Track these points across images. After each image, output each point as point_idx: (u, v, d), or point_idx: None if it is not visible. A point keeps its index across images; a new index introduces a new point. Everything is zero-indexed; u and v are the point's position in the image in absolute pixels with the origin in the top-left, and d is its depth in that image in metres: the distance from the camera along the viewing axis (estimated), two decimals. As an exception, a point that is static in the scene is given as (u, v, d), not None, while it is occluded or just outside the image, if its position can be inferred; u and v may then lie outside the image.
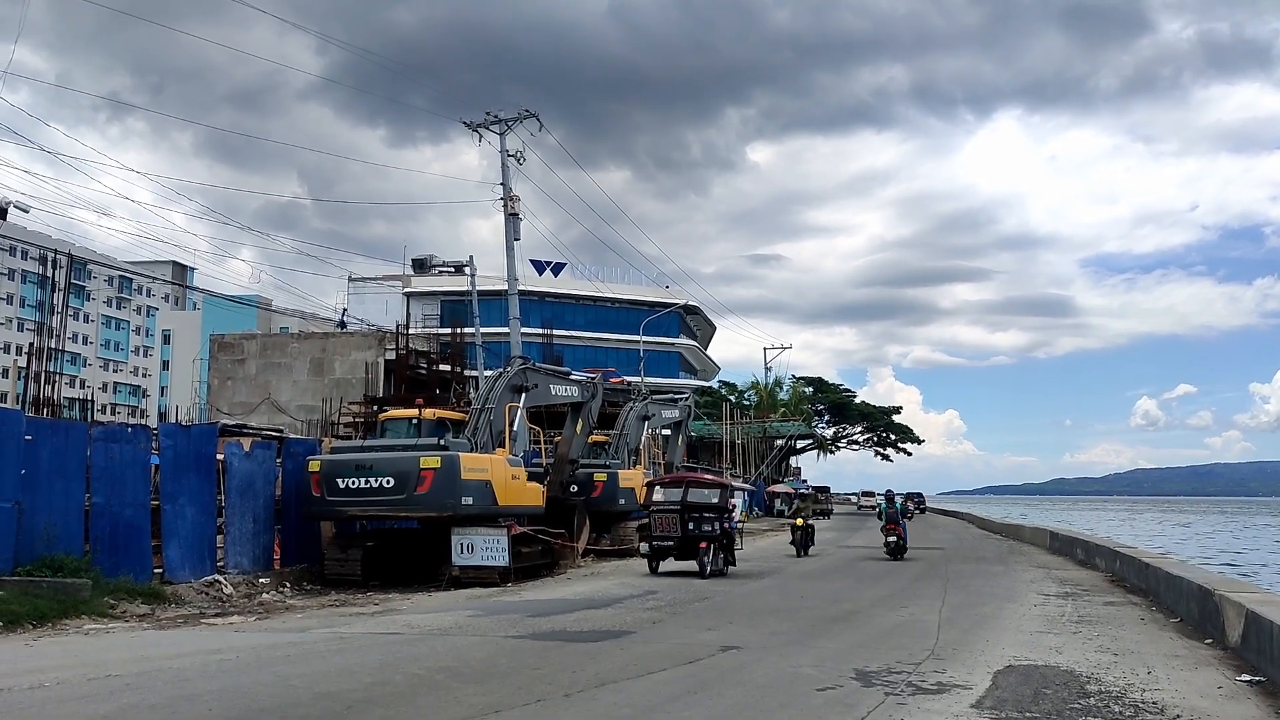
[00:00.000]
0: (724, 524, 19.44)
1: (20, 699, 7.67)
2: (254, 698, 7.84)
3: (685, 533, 19.15)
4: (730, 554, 20.06)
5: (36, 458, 13.39)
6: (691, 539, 19.05)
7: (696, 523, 19.16)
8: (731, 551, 20.14)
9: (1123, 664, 9.57)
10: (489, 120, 32.63)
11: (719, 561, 19.34)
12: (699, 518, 19.21)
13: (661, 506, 19.68)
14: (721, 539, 19.41)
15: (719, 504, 19.59)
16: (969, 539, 36.75)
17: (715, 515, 19.32)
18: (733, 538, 20.11)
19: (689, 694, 8.11)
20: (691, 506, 19.41)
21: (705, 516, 19.25)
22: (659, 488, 20.39)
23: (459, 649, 10.46)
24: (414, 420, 19.56)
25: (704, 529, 19.10)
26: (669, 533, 19.36)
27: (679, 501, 19.49)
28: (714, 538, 19.14)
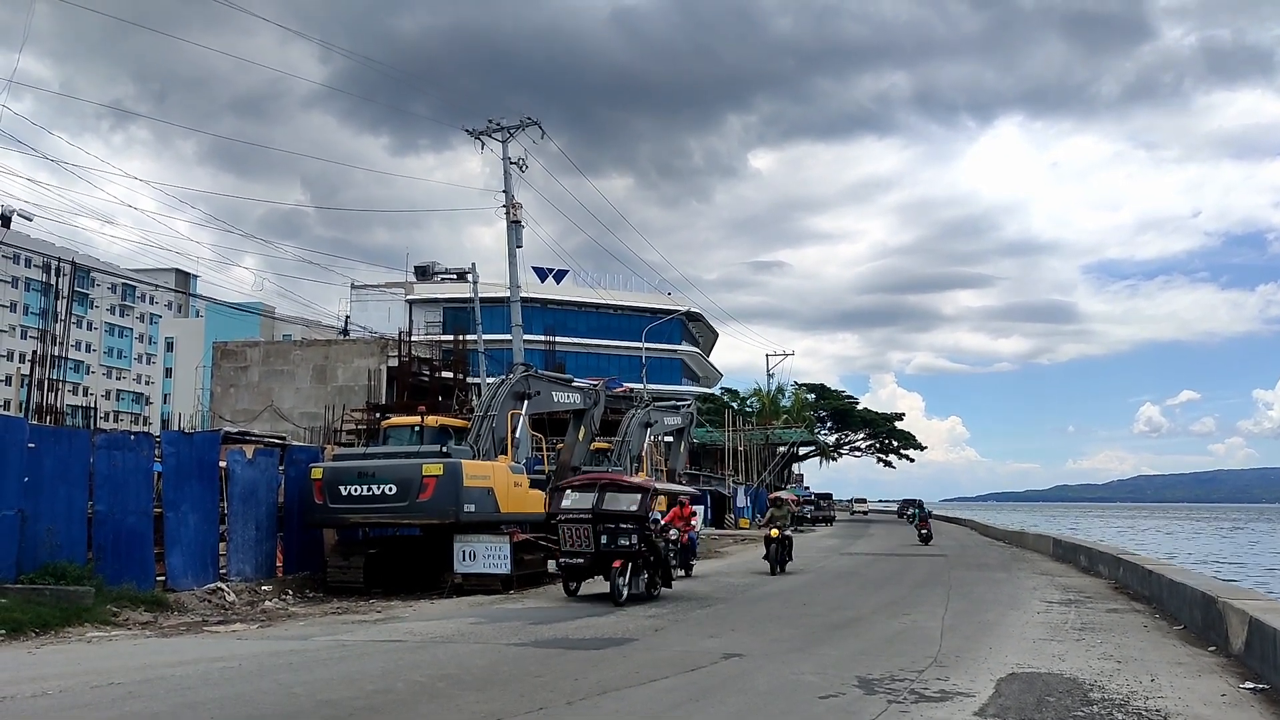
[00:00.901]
0: (648, 536, 16.20)
1: (24, 707, 7.68)
2: (256, 705, 7.84)
3: (598, 547, 15.77)
4: (663, 573, 16.96)
5: (40, 465, 13.40)
6: (605, 555, 15.75)
7: (611, 535, 15.75)
8: (666, 570, 17.11)
9: (1126, 671, 9.55)
10: (491, 128, 32.70)
11: (639, 584, 16.02)
12: (614, 529, 15.78)
13: (570, 515, 16.23)
14: (644, 555, 16.05)
15: (638, 512, 16.04)
16: (972, 546, 36.70)
17: (634, 526, 15.81)
18: (660, 553, 16.64)
19: (691, 701, 8.11)
20: (605, 515, 15.96)
21: (621, 528, 15.76)
22: (569, 492, 16.94)
23: (461, 656, 10.45)
24: (416, 427, 19.58)
25: (619, 543, 15.68)
26: (579, 547, 15.97)
27: (590, 509, 16.13)
28: (631, 553, 15.69)
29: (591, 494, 16.50)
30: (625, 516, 15.97)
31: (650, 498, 16.51)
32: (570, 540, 16.04)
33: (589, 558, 15.89)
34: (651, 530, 16.32)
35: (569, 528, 16.06)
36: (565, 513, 16.38)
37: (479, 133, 32.80)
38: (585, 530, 15.88)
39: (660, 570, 16.77)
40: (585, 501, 16.38)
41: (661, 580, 16.86)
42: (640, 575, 16.04)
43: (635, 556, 15.78)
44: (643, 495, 16.42)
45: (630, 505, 16.21)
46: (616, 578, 15.37)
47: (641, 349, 60.08)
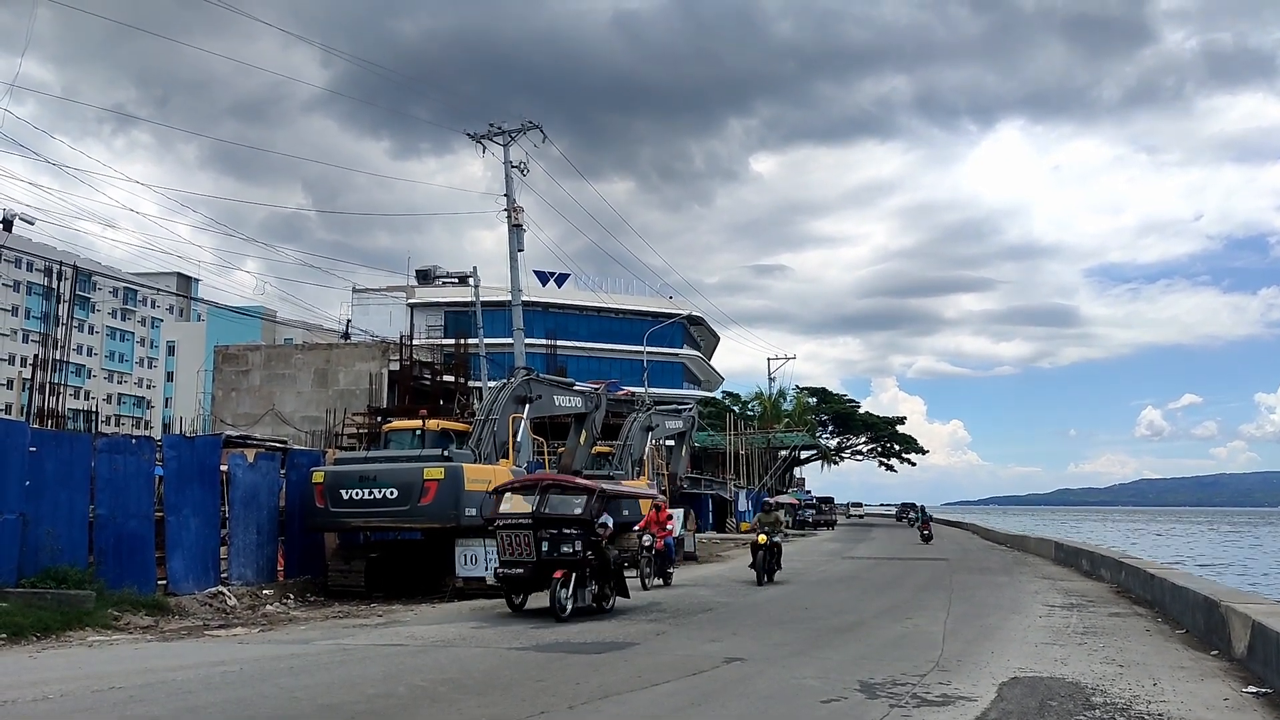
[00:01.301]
0: (596, 543, 14.69)
1: (24, 711, 7.67)
2: (257, 709, 7.84)
3: (539, 556, 14.18)
4: (616, 583, 15.36)
5: (41, 469, 13.41)
6: (546, 565, 14.11)
7: (553, 542, 14.12)
8: (620, 580, 15.51)
9: (1128, 676, 9.54)
10: (493, 131, 32.75)
11: (585, 596, 14.45)
12: (556, 536, 14.14)
13: (509, 521, 14.55)
14: (590, 564, 14.50)
15: (583, 516, 14.50)
16: (973, 550, 36.67)
17: (579, 532, 14.29)
18: (611, 562, 15.06)
19: (693, 706, 8.10)
20: (547, 520, 14.32)
21: (565, 534, 14.16)
22: (508, 495, 15.19)
23: (462, 660, 10.44)
24: (418, 431, 19.59)
25: (561, 550, 14.07)
26: (519, 556, 14.33)
27: (530, 514, 14.46)
28: (575, 562, 14.16)
29: (532, 496, 14.85)
30: (569, 521, 14.42)
31: (597, 500, 14.83)
32: (509, 548, 14.44)
33: (529, 568, 14.24)
34: (601, 536, 14.88)
35: (507, 535, 14.45)
36: (503, 518, 14.66)
37: (480, 136, 32.85)
38: (526, 537, 14.27)
39: (612, 581, 15.17)
40: (525, 505, 14.75)
41: (614, 591, 15.24)
42: (587, 586, 14.48)
43: (580, 566, 14.25)
44: (588, 497, 14.78)
45: (575, 509, 14.65)
46: (558, 589, 13.75)
47: (643, 353, 60.10)
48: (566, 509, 14.63)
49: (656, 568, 20.04)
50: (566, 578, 13.95)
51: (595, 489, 15.11)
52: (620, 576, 15.50)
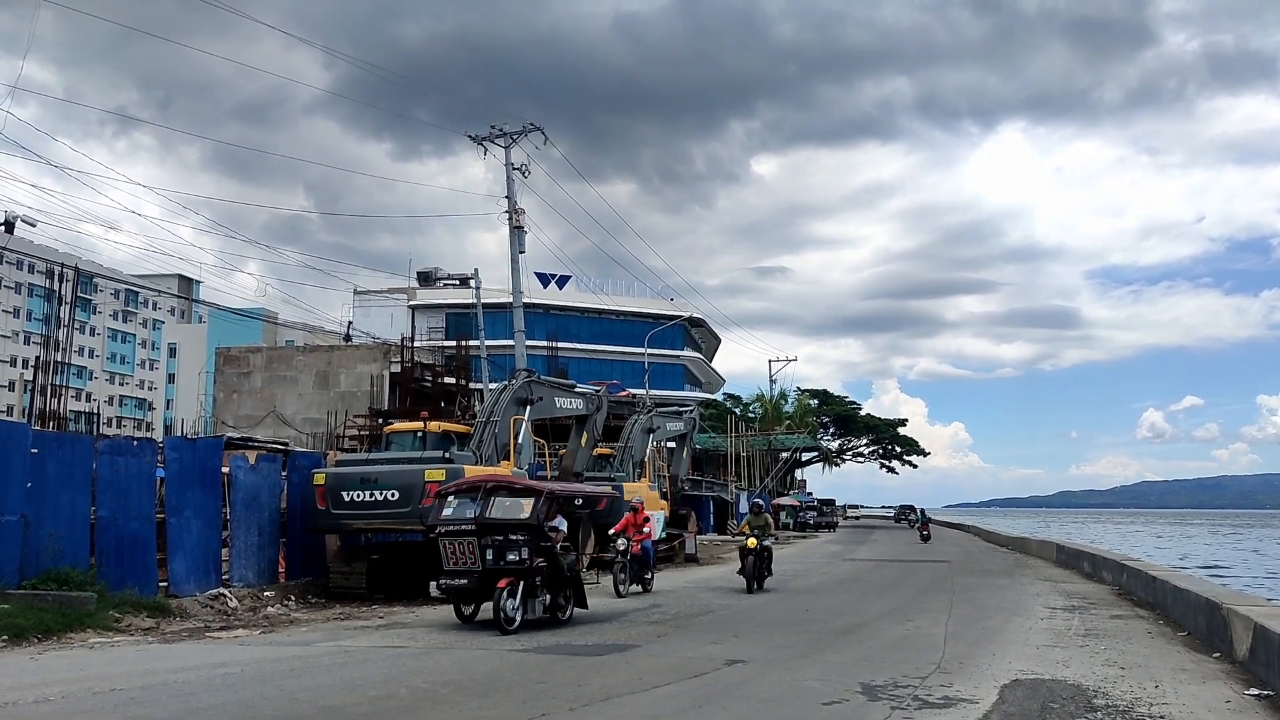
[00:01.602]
0: (548, 548, 13.44)
1: (26, 713, 7.68)
2: (259, 711, 7.84)
3: (484, 564, 12.96)
4: (573, 592, 14.22)
5: (43, 471, 13.41)
6: (492, 574, 12.89)
7: (498, 549, 12.92)
8: (577, 588, 14.38)
9: (1130, 678, 9.53)
10: (494, 134, 32.76)
11: (535, 607, 13.22)
12: (502, 542, 12.95)
13: (451, 526, 13.32)
14: (540, 571, 13.23)
15: (529, 519, 13.27)
16: (975, 552, 36.65)
17: (526, 537, 13.06)
18: (565, 569, 13.81)
19: (694, 708, 8.09)
20: (491, 525, 13.13)
21: (511, 540, 12.97)
22: (450, 498, 13.93)
23: (463, 662, 10.45)
24: (419, 433, 19.58)
25: (507, 558, 12.88)
26: (462, 564, 13.15)
27: (473, 518, 13.23)
28: (522, 570, 12.89)
29: (475, 500, 13.56)
30: (515, 526, 13.19)
31: (546, 501, 13.65)
32: (452, 557, 13.20)
33: (474, 578, 13.00)
34: (553, 541, 13.63)
35: (450, 542, 13.21)
36: (445, 523, 13.39)
37: (482, 138, 32.87)
38: (469, 544, 13.06)
39: (568, 589, 14.08)
40: (468, 509, 13.45)
41: (570, 601, 14.11)
42: (537, 596, 13.28)
43: (528, 574, 12.98)
44: (536, 499, 13.57)
45: (521, 512, 13.42)
46: (503, 600, 12.59)
47: (644, 354, 60.13)
48: (513, 513, 13.46)
49: (634, 573, 18.81)
50: (513, 587, 12.74)
51: (543, 490, 13.95)
52: (578, 584, 14.46)
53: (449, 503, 13.84)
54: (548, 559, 13.39)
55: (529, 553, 13.02)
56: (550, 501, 13.89)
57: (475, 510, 13.36)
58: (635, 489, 26.44)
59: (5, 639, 11.19)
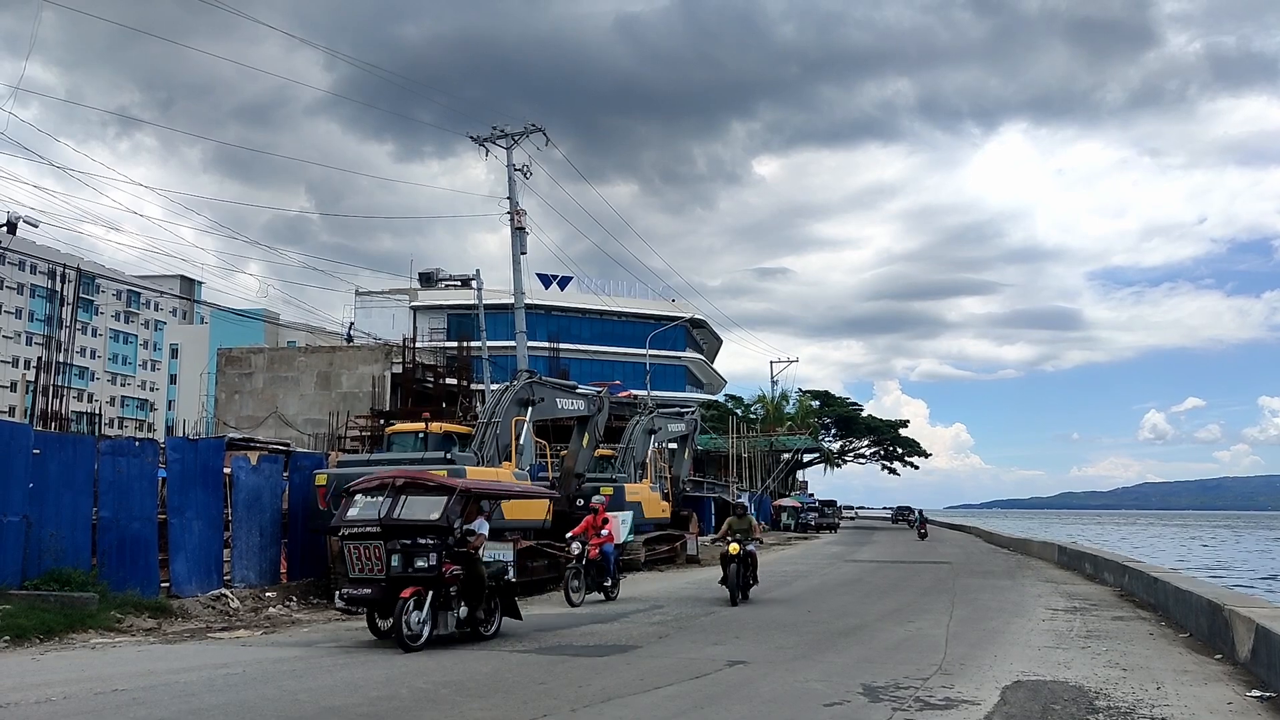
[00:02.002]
0: (466, 554, 11.99)
1: (27, 713, 7.69)
2: (260, 712, 7.84)
3: (389, 571, 11.43)
4: (499, 602, 12.69)
5: (44, 472, 13.42)
6: (399, 583, 11.38)
7: (405, 555, 11.42)
8: (506, 598, 12.89)
9: (1132, 679, 9.52)
10: (496, 135, 32.76)
11: (448, 620, 11.75)
12: (409, 547, 11.46)
13: (355, 528, 11.82)
14: (455, 580, 11.73)
15: (439, 521, 11.73)
16: (976, 553, 36.61)
17: (435, 541, 11.57)
18: (484, 577, 12.20)
19: (695, 709, 8.09)
20: (397, 528, 11.63)
21: (419, 544, 11.49)
22: (358, 496, 12.35)
23: (465, 663, 10.45)
24: (420, 434, 19.60)
25: (415, 564, 11.39)
26: (368, 572, 11.62)
27: (378, 519, 11.72)
28: (430, 579, 11.41)
29: (382, 498, 12.08)
30: (425, 528, 11.67)
31: (458, 500, 12.17)
32: (357, 563, 11.72)
33: (378, 587, 11.49)
34: (471, 546, 12.14)
35: (354, 546, 11.72)
36: (348, 525, 11.93)
37: (483, 139, 32.87)
38: (375, 549, 11.58)
39: (494, 600, 12.55)
40: (374, 509, 11.95)
41: (497, 612, 12.62)
42: (452, 608, 11.82)
43: (439, 583, 11.51)
44: (448, 498, 12.04)
45: (432, 511, 11.87)
46: (407, 612, 11.09)
47: (645, 355, 60.13)
48: (423, 513, 11.91)
49: (592, 580, 17.39)
50: (420, 597, 11.30)
51: (455, 487, 12.35)
52: (508, 594, 12.92)
53: (355, 502, 12.29)
54: (465, 566, 11.90)
55: (439, 559, 11.50)
56: (466, 500, 12.43)
57: (382, 510, 11.81)
58: (637, 490, 26.48)
59: (7, 639, 11.20)
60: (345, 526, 11.97)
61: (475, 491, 12.81)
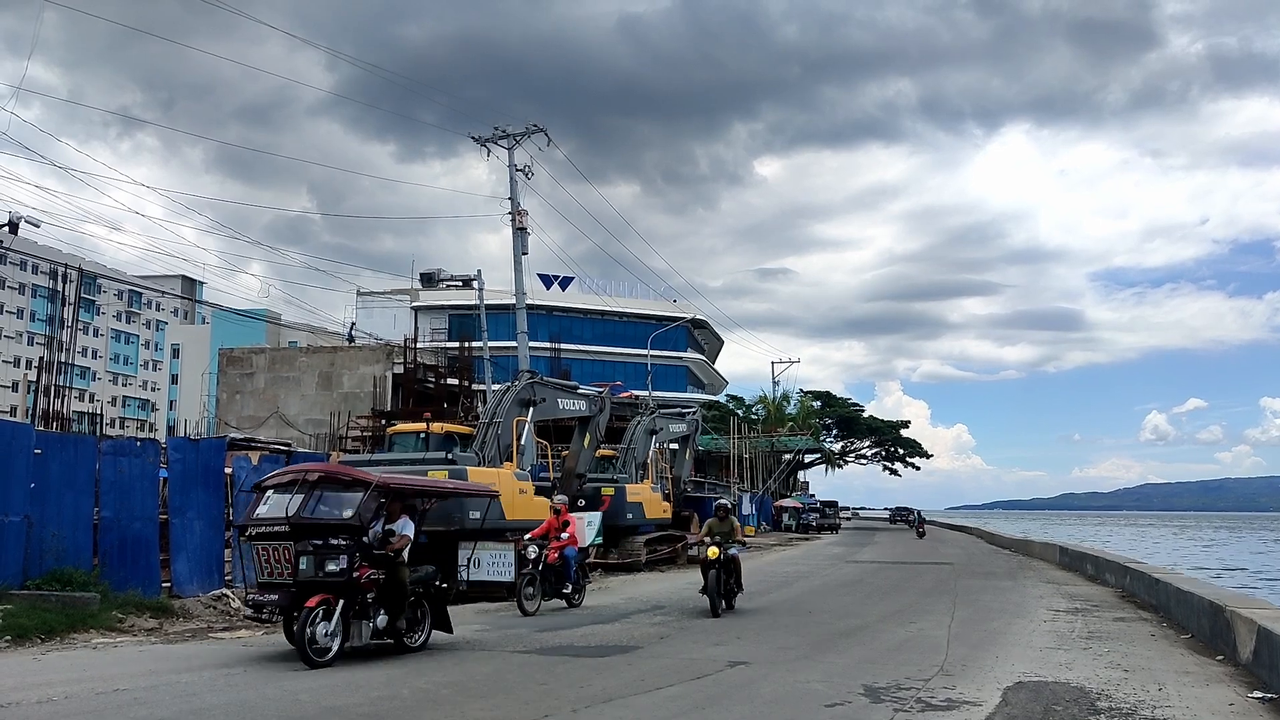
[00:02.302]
0: (388, 557, 10.84)
1: (29, 713, 7.69)
2: (261, 712, 7.85)
3: (298, 575, 10.26)
4: (433, 611, 11.66)
5: (46, 471, 13.42)
6: (309, 588, 10.19)
7: (314, 558, 10.22)
8: (438, 608, 11.78)
9: (1133, 680, 9.51)
10: (497, 135, 32.76)
11: (363, 631, 10.63)
12: (320, 548, 10.28)
13: (262, 526, 10.73)
14: (369, 587, 10.59)
15: (353, 521, 10.51)
16: (978, 554, 36.60)
17: (348, 543, 10.39)
18: (406, 584, 10.96)
19: (697, 710, 8.09)
20: (306, 527, 10.43)
21: (331, 545, 10.32)
22: (270, 493, 11.13)
23: (466, 663, 10.45)
24: (422, 434, 19.60)
25: (326, 569, 10.21)
26: (277, 575, 10.45)
27: (285, 518, 10.46)
28: (340, 585, 10.23)
29: (293, 494, 10.80)
30: (335, 528, 10.49)
31: (377, 497, 10.87)
32: (266, 565, 10.54)
33: (287, 592, 10.28)
34: (393, 548, 10.93)
35: (262, 547, 10.58)
36: (256, 523, 10.82)
37: (485, 140, 32.87)
38: (284, 550, 10.39)
39: (417, 609, 11.40)
40: (282, 507, 10.67)
41: (425, 621, 11.52)
42: (369, 618, 10.65)
43: (352, 589, 10.34)
44: (363, 495, 10.76)
45: (345, 509, 10.70)
46: (312, 623, 9.93)
47: (647, 356, 60.13)
48: (336, 511, 10.76)
49: (550, 586, 16.12)
50: (329, 606, 10.08)
51: (372, 481, 10.92)
52: (439, 602, 11.79)
53: (266, 498, 11.09)
54: (387, 570, 10.78)
55: (350, 562, 10.28)
56: (383, 497, 11.06)
57: (292, 507, 10.53)
58: (638, 491, 26.48)
59: (9, 639, 11.20)
60: (253, 525, 10.84)
61: (395, 487, 11.42)
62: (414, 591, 11.26)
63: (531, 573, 15.86)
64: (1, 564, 12.72)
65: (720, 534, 15.90)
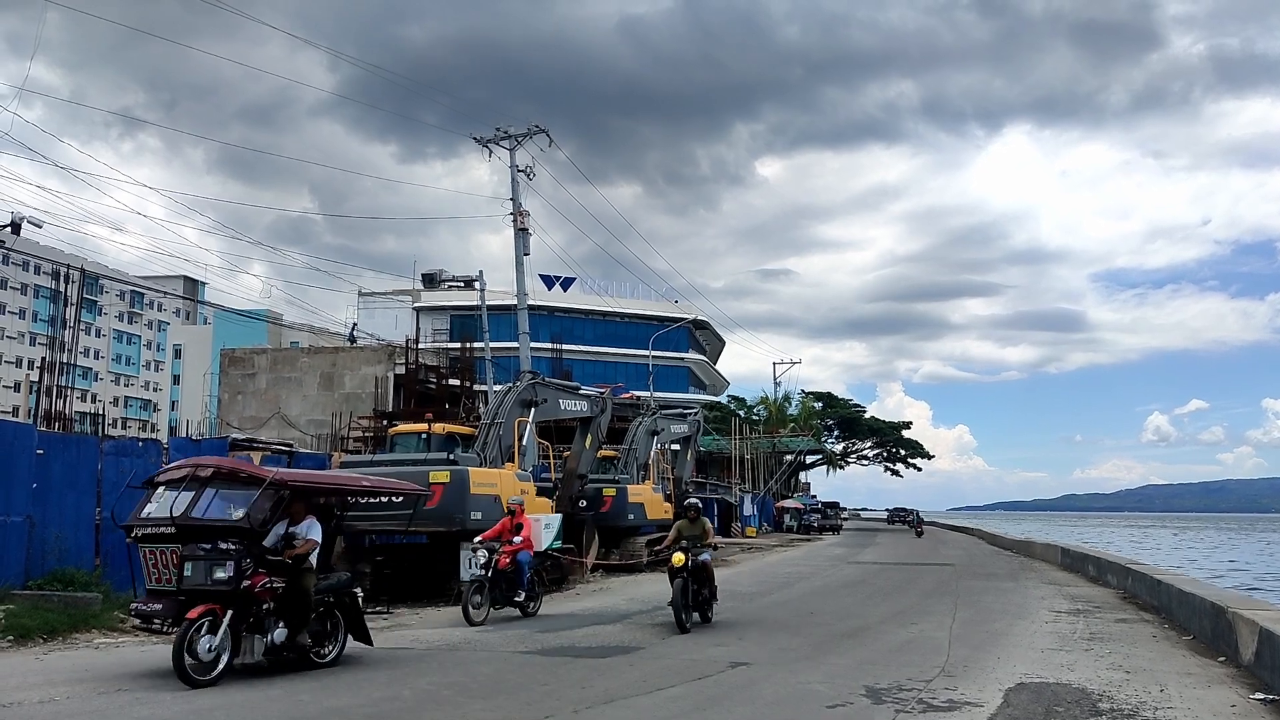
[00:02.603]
0: (280, 563, 9.63)
1: (31, 713, 7.70)
2: (263, 712, 7.86)
3: (182, 583, 9.15)
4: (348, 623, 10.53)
5: (48, 472, 13.45)
6: (194, 597, 9.08)
7: (201, 563, 9.11)
8: (354, 618, 10.63)
9: (1135, 682, 9.50)
10: (499, 136, 32.74)
11: (255, 647, 9.43)
12: (209, 553, 9.15)
13: (148, 527, 9.67)
14: (268, 597, 9.46)
15: (243, 523, 9.37)
16: (979, 555, 36.57)
17: (237, 547, 9.23)
18: (306, 594, 9.70)
19: (698, 710, 8.09)
20: (194, 529, 9.37)
21: (220, 550, 9.17)
22: (161, 489, 10.05)
23: (467, 664, 10.45)
24: (423, 435, 19.59)
25: (214, 576, 9.06)
26: (163, 582, 9.45)
27: (170, 518, 9.41)
28: (227, 595, 9.08)
29: (180, 492, 9.75)
30: (224, 530, 9.35)
31: (272, 497, 9.70)
32: (154, 571, 9.52)
33: (173, 601, 9.19)
34: (290, 556, 9.73)
35: (150, 550, 9.56)
36: (143, 524, 9.75)
37: (487, 141, 32.85)
38: (172, 554, 9.33)
39: (327, 621, 10.29)
40: (170, 506, 9.61)
41: (337, 634, 10.39)
42: (266, 631, 9.47)
43: (244, 600, 9.22)
44: (258, 494, 9.61)
45: (235, 509, 9.56)
46: (195, 638, 8.79)
47: (648, 357, 60.10)
48: (227, 511, 9.58)
49: (500, 594, 14.71)
50: (213, 619, 8.94)
51: (266, 478, 9.78)
52: (354, 613, 10.63)
53: (157, 495, 9.99)
54: (289, 578, 9.66)
55: (238, 569, 9.11)
56: (280, 496, 9.82)
57: (178, 507, 9.52)
58: (639, 491, 26.47)
59: (11, 639, 11.22)
60: (139, 525, 9.72)
61: (295, 485, 10.16)
62: (323, 602, 10.13)
63: (480, 578, 14.49)
64: (4, 564, 12.75)
65: (690, 537, 14.13)
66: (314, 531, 10.19)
